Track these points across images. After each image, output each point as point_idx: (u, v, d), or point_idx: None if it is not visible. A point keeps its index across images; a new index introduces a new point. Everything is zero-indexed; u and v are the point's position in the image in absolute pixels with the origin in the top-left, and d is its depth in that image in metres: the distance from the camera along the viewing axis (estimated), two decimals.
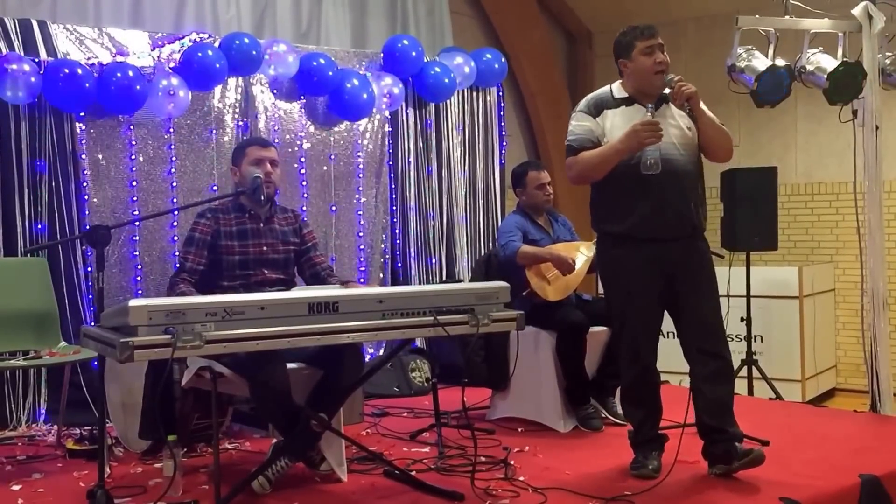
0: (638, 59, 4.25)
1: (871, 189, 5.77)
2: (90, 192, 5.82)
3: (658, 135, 4.09)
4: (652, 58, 4.21)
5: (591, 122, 4.32)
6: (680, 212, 4.22)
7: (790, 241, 8.57)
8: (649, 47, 4.22)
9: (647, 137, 4.08)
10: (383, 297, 3.72)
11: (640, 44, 4.23)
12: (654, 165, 4.11)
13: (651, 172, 4.12)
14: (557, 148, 9.30)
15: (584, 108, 4.38)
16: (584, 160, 4.28)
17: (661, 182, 4.15)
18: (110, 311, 3.55)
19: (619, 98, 4.32)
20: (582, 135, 4.32)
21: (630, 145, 4.13)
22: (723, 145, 4.34)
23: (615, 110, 4.29)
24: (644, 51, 4.22)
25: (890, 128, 6.67)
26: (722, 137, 4.32)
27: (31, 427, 5.51)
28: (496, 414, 5.57)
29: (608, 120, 4.29)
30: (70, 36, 5.84)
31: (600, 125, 4.30)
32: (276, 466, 4.09)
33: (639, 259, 4.24)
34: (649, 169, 4.12)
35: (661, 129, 4.10)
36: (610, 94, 4.36)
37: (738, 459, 4.14)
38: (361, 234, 6.97)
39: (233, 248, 4.51)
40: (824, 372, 8.23)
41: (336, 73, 6.63)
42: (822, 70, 5.63)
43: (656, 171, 4.11)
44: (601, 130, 4.29)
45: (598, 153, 4.25)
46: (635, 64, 4.26)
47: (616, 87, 4.37)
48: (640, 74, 4.26)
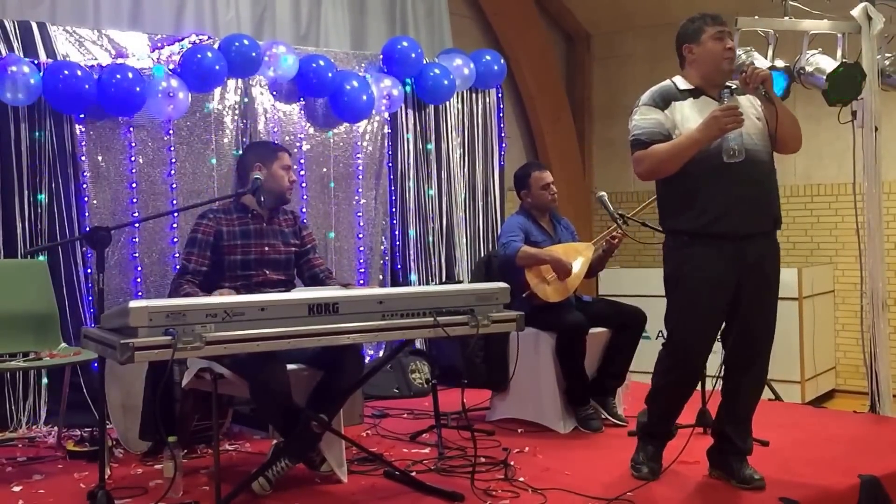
0: (707, 44, 4.09)
1: (871, 190, 5.78)
2: (90, 194, 5.82)
3: (739, 119, 3.90)
4: (722, 43, 4.08)
5: (660, 115, 4.12)
6: (759, 203, 4.06)
7: (789, 242, 8.57)
8: (720, 33, 4.09)
9: (729, 122, 3.90)
10: (383, 298, 3.72)
11: (710, 29, 4.10)
12: (739, 152, 3.92)
13: (735, 160, 3.92)
14: (556, 150, 9.34)
15: (650, 101, 4.18)
16: (657, 153, 4.07)
17: (741, 172, 3.97)
18: (110, 312, 3.55)
19: (684, 90, 4.16)
20: (651, 128, 4.11)
21: (710, 133, 3.94)
22: (796, 134, 4.17)
23: (683, 102, 4.12)
24: (714, 36, 4.08)
25: (889, 129, 6.68)
26: (795, 126, 4.15)
27: (31, 428, 5.50)
28: (496, 415, 5.57)
29: (677, 112, 4.11)
30: (70, 38, 5.85)
31: (669, 117, 4.11)
32: (276, 467, 4.09)
33: (714, 260, 4.05)
34: (733, 156, 3.93)
35: (742, 115, 3.93)
36: (674, 86, 4.19)
37: (737, 480, 4.10)
38: (361, 236, 6.97)
39: (235, 248, 4.51)
40: (824, 373, 8.25)
41: (335, 74, 6.64)
42: (822, 71, 5.63)
43: (740, 158, 3.92)
44: (671, 123, 4.10)
45: (673, 145, 4.05)
46: (703, 49, 4.11)
47: (679, 80, 4.22)
48: (709, 60, 4.11)
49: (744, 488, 4.05)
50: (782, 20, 5.79)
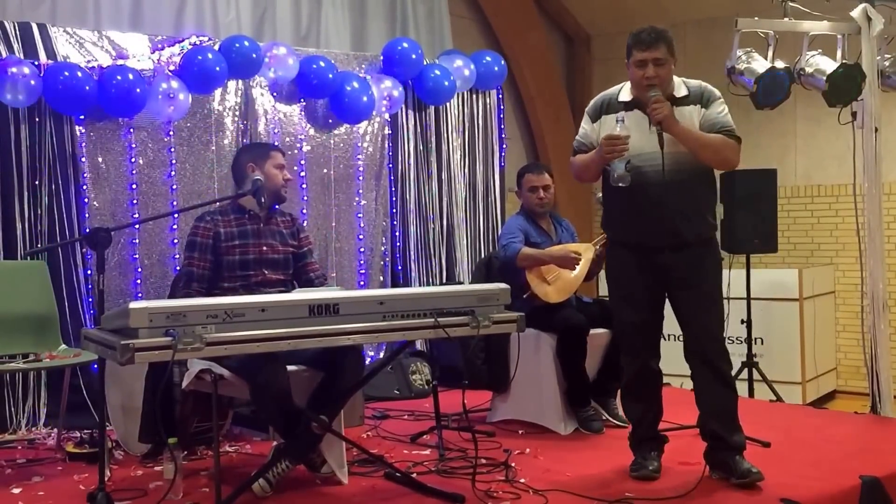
0: (631, 68, 4.21)
1: (871, 191, 5.78)
2: (90, 195, 5.82)
3: (619, 150, 4.06)
4: (642, 71, 4.14)
5: (590, 126, 4.36)
6: (663, 223, 4.15)
7: (790, 243, 8.57)
8: (642, 61, 4.14)
9: (609, 152, 4.08)
10: (384, 299, 3.72)
11: (636, 53, 4.17)
12: (622, 178, 4.11)
13: (621, 185, 4.12)
14: (557, 150, 9.32)
15: (589, 110, 4.40)
16: (576, 164, 4.38)
17: (638, 194, 4.15)
18: (111, 313, 3.55)
19: (622, 101, 4.27)
20: (580, 138, 4.39)
21: (597, 159, 4.20)
22: (711, 159, 4.21)
23: (612, 116, 4.24)
24: (635, 62, 4.17)
25: (889, 130, 6.68)
26: (708, 152, 4.17)
27: (31, 430, 5.50)
28: (497, 416, 5.57)
29: (604, 126, 4.27)
30: (70, 39, 5.85)
31: (596, 130, 4.31)
32: (276, 469, 4.08)
33: (632, 263, 4.29)
34: (617, 181, 4.12)
35: (624, 145, 4.05)
36: (616, 95, 4.32)
37: (735, 476, 4.11)
38: (361, 237, 6.97)
39: (233, 248, 4.51)
40: (825, 374, 8.23)
41: (336, 75, 6.64)
42: (822, 72, 5.63)
43: (625, 183, 4.11)
44: (596, 135, 4.29)
45: (582, 160, 4.33)
46: (630, 72, 4.23)
47: (626, 88, 4.32)
48: (634, 84, 4.24)
49: (743, 483, 4.07)
50: (782, 21, 5.79)
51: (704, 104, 4.22)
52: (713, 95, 4.27)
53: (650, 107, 4.09)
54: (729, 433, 4.20)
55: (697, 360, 4.26)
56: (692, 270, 4.23)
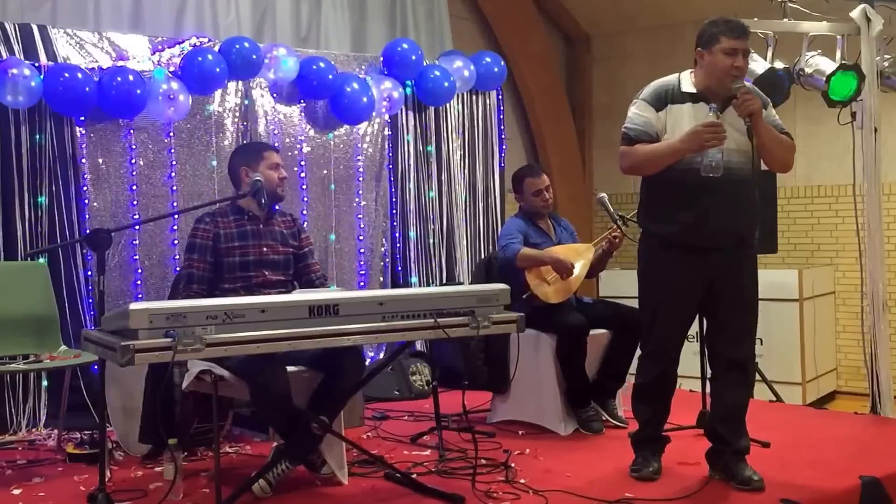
0: (717, 56, 4.02)
1: (871, 191, 5.78)
2: (90, 197, 5.82)
3: (721, 138, 3.92)
4: (732, 59, 4.00)
5: (653, 115, 4.13)
6: (726, 223, 4.08)
7: (790, 243, 8.57)
8: (734, 49, 4.02)
9: (710, 140, 3.91)
10: (384, 300, 3.72)
11: (724, 41, 4.01)
12: (717, 168, 3.95)
13: (712, 175, 3.95)
14: (557, 151, 9.34)
15: (648, 98, 4.17)
16: (639, 153, 4.13)
17: (713, 189, 4.00)
18: (111, 314, 3.55)
19: (686, 93, 4.12)
20: (640, 126, 4.14)
21: (691, 146, 3.96)
22: (781, 160, 4.17)
23: (681, 106, 4.10)
24: (726, 50, 4.01)
25: (889, 130, 6.69)
26: (781, 151, 4.14)
27: (31, 431, 5.50)
28: (497, 417, 5.57)
29: (672, 115, 4.11)
30: (70, 40, 5.85)
31: (662, 119, 4.12)
32: (276, 470, 4.08)
33: (680, 265, 4.14)
34: (710, 171, 3.95)
35: (724, 132, 3.93)
36: (678, 85, 4.16)
37: (736, 482, 4.10)
38: (361, 238, 6.97)
39: (233, 249, 4.50)
40: (825, 375, 8.24)
41: (336, 76, 6.64)
42: (821, 72, 5.64)
43: (718, 173, 3.95)
44: (662, 125, 4.11)
45: (654, 149, 4.09)
46: (712, 59, 4.04)
47: (685, 79, 4.17)
48: (714, 72, 4.05)
49: (743, 489, 4.05)
50: (782, 22, 5.79)
51: (763, 105, 4.12)
52: (764, 97, 4.22)
53: (741, 98, 3.96)
54: (736, 438, 4.18)
55: (726, 361, 4.19)
56: (740, 270, 4.16)
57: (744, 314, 4.21)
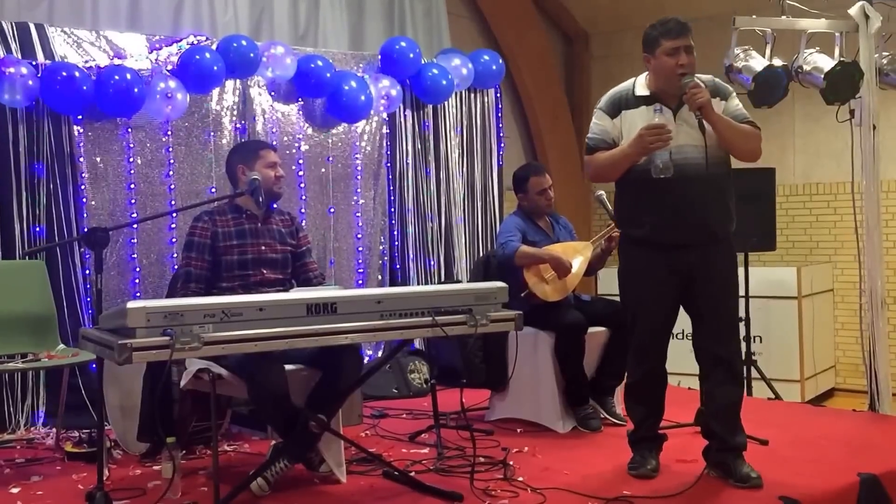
0: (661, 58, 4.09)
1: (869, 189, 5.77)
2: (88, 195, 5.82)
3: (665, 139, 3.97)
4: (675, 59, 4.06)
5: (608, 123, 4.24)
6: (695, 219, 4.10)
7: (788, 241, 8.58)
8: (675, 48, 4.06)
9: (653, 142, 3.98)
10: (382, 298, 3.72)
11: (666, 42, 4.07)
12: (665, 169, 4.01)
13: (663, 176, 4.02)
14: (555, 149, 9.34)
15: (604, 107, 4.28)
16: (597, 162, 4.25)
17: (677, 188, 4.05)
18: (108, 313, 3.55)
19: (639, 96, 4.19)
20: (598, 135, 4.26)
21: (637, 150, 4.05)
22: (743, 148, 4.17)
23: (634, 110, 4.17)
24: (668, 51, 4.06)
25: (887, 127, 6.68)
26: (742, 140, 4.15)
27: (29, 430, 5.50)
28: (495, 415, 5.57)
29: (626, 121, 4.18)
30: (67, 39, 5.85)
31: (617, 126, 4.21)
32: (275, 468, 4.08)
33: (655, 264, 4.19)
34: (660, 172, 4.02)
35: (668, 133, 3.97)
36: (631, 91, 4.23)
37: (734, 479, 4.10)
38: (360, 236, 6.97)
39: (231, 248, 4.50)
40: (823, 372, 8.24)
41: (334, 75, 6.63)
42: (819, 70, 5.63)
43: (668, 174, 4.01)
44: (617, 132, 4.20)
45: (609, 156, 4.19)
46: (658, 62, 4.11)
47: (640, 83, 4.24)
48: (661, 74, 4.12)
49: (741, 487, 4.05)
50: (780, 19, 5.79)
51: (723, 97, 4.20)
52: (728, 89, 4.27)
53: (689, 92, 4.01)
54: (732, 434, 4.18)
55: (711, 358, 4.22)
56: (716, 266, 4.18)
57: (724, 310, 4.24)
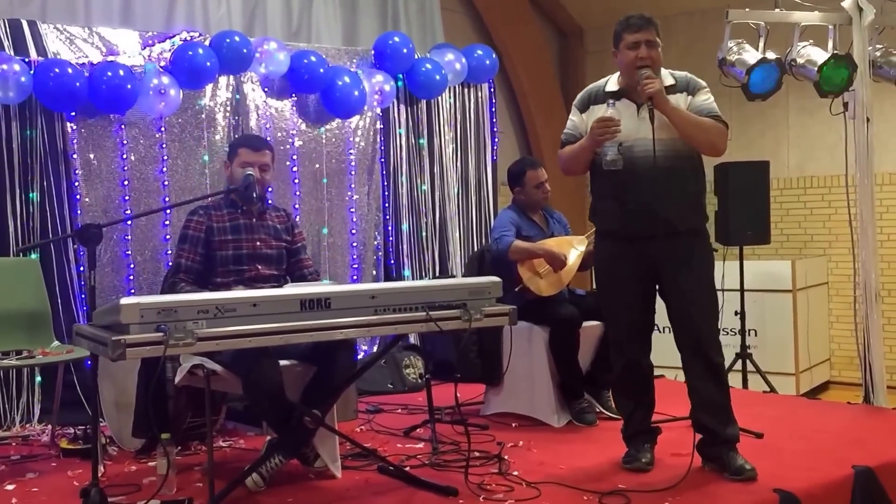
0: (623, 53, 4.20)
1: (863, 182, 5.77)
2: (82, 192, 5.81)
3: (612, 132, 4.06)
4: (635, 52, 4.14)
5: (578, 118, 4.35)
6: (648, 211, 4.14)
7: (783, 234, 8.59)
8: (636, 42, 4.15)
9: (602, 135, 4.08)
10: (375, 293, 3.72)
11: (627, 36, 4.18)
12: (614, 162, 4.09)
13: (613, 168, 4.10)
14: (549, 144, 9.32)
15: (577, 103, 4.39)
16: (564, 155, 4.35)
17: (632, 180, 4.13)
18: (102, 309, 3.54)
19: (608, 92, 4.27)
20: (569, 129, 4.37)
21: (590, 143, 4.17)
22: (700, 140, 4.18)
23: (600, 106, 4.25)
24: (629, 44, 4.16)
25: (881, 120, 6.68)
26: (699, 133, 4.16)
27: (24, 427, 5.50)
28: (490, 409, 5.57)
29: (592, 115, 4.25)
30: (60, 35, 5.84)
31: (584, 121, 4.30)
32: (270, 463, 4.08)
33: (622, 255, 4.25)
34: (609, 165, 4.11)
35: (616, 125, 4.05)
36: (603, 86, 4.32)
37: (729, 472, 4.10)
38: (354, 232, 6.97)
39: (226, 243, 4.49)
40: (818, 365, 8.26)
41: (327, 70, 6.63)
42: (813, 63, 5.63)
43: (617, 167, 4.09)
44: (585, 126, 4.27)
45: (571, 149, 4.30)
46: (621, 56, 4.21)
47: (612, 79, 4.32)
48: (624, 68, 4.22)
49: (736, 479, 4.05)
50: (773, 12, 5.79)
51: (691, 92, 4.23)
52: (699, 84, 4.28)
53: (641, 83, 4.07)
54: (722, 427, 4.18)
55: (689, 352, 4.23)
56: (683, 260, 4.20)
57: (697, 302, 4.23)
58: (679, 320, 4.25)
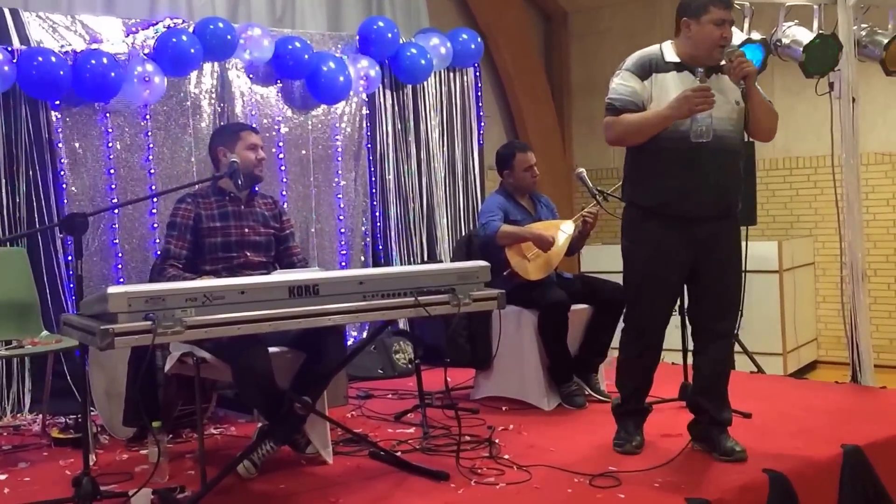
0: (706, 26, 4.00)
1: (849, 162, 5.79)
2: (68, 181, 5.79)
3: (710, 102, 3.91)
4: (721, 30, 4.00)
5: (638, 84, 4.11)
6: (717, 190, 4.08)
7: (769, 215, 8.60)
8: (722, 20, 4.01)
9: (700, 104, 3.91)
10: (364, 279, 3.71)
11: (714, 11, 4.00)
12: (706, 132, 3.97)
13: (702, 140, 3.97)
14: (535, 128, 9.33)
15: (632, 68, 4.15)
16: (626, 123, 4.10)
17: (705, 156, 4.01)
18: (89, 298, 3.53)
19: (669, 62, 4.11)
20: (626, 95, 4.12)
21: (680, 112, 3.96)
22: (769, 127, 4.16)
23: (665, 74, 4.09)
24: (716, 20, 4.00)
25: (866, 100, 6.69)
26: (770, 119, 4.14)
27: (15, 417, 5.50)
28: (480, 393, 5.58)
29: (657, 84, 4.09)
30: (43, 24, 5.81)
31: (647, 88, 4.10)
32: (261, 450, 4.09)
33: (665, 237, 4.12)
34: (700, 136, 3.97)
35: (713, 97, 3.93)
36: (661, 55, 4.14)
37: (718, 452, 4.12)
38: (342, 218, 6.96)
39: (215, 230, 4.49)
40: (805, 345, 8.29)
41: (312, 56, 6.61)
42: (798, 43, 5.63)
43: (708, 138, 3.97)
44: (647, 94, 4.10)
45: (642, 117, 4.07)
46: (701, 29, 4.02)
47: (667, 49, 4.15)
48: (702, 42, 4.04)
49: (726, 460, 4.07)
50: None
51: None
52: None
53: (735, 61, 3.96)
54: (718, 409, 4.20)
55: (708, 332, 4.21)
56: (726, 240, 4.19)
57: (729, 286, 4.23)
58: (711, 304, 4.21)
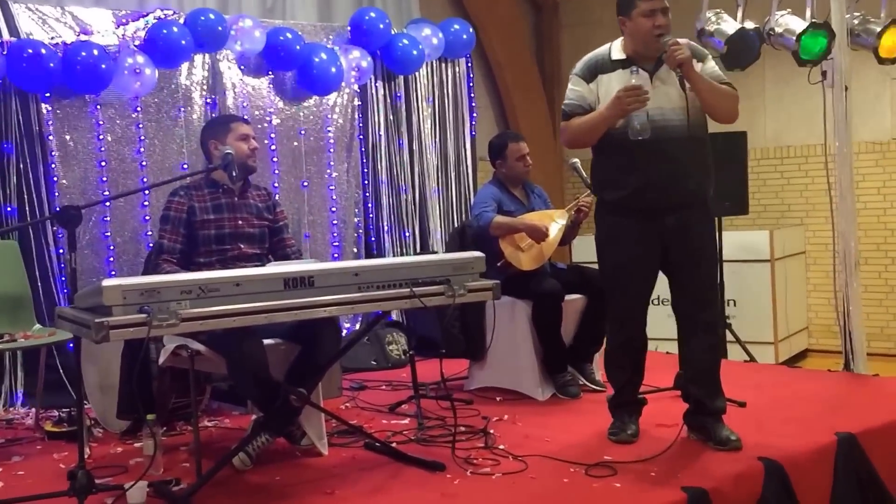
0: (637, 20, 4.07)
1: (842, 150, 5.78)
2: (59, 174, 5.76)
3: (642, 100, 3.96)
4: (652, 20, 4.04)
5: (584, 88, 4.21)
6: (674, 181, 4.10)
7: (760, 204, 8.61)
8: (651, 10, 4.04)
9: (631, 103, 3.96)
10: (358, 271, 3.71)
11: (641, 4, 4.06)
12: (644, 130, 4.01)
13: (641, 137, 4.01)
14: (527, 118, 9.33)
15: (579, 72, 4.26)
16: (574, 127, 4.22)
17: (656, 150, 4.05)
18: (84, 291, 3.52)
19: (616, 60, 4.17)
20: (574, 100, 4.23)
21: (615, 112, 4.03)
22: (723, 108, 4.16)
23: (611, 74, 4.15)
24: (644, 12, 4.04)
25: (858, 89, 6.69)
26: (722, 100, 4.14)
27: (8, 411, 5.48)
28: (474, 384, 5.58)
29: (603, 85, 4.16)
30: (32, 15, 5.78)
31: (594, 91, 4.19)
32: (256, 442, 4.09)
33: (633, 229, 4.18)
34: (638, 134, 4.02)
35: (646, 94, 3.96)
36: (608, 55, 4.21)
37: (714, 442, 4.13)
38: (334, 209, 6.94)
39: (208, 223, 4.47)
40: (797, 333, 8.31)
41: (303, 47, 6.59)
42: (791, 32, 5.62)
43: (646, 135, 4.01)
44: (594, 96, 4.18)
45: (586, 120, 4.17)
46: (634, 24, 4.09)
47: (616, 47, 4.21)
48: (638, 36, 4.10)
49: (721, 449, 4.08)
50: None
51: (699, 59, 4.17)
52: (703, 51, 4.26)
53: (668, 50, 3.98)
54: (711, 398, 4.21)
55: (691, 321, 4.24)
56: (695, 230, 4.20)
57: (703, 274, 4.25)
58: (686, 293, 4.24)
